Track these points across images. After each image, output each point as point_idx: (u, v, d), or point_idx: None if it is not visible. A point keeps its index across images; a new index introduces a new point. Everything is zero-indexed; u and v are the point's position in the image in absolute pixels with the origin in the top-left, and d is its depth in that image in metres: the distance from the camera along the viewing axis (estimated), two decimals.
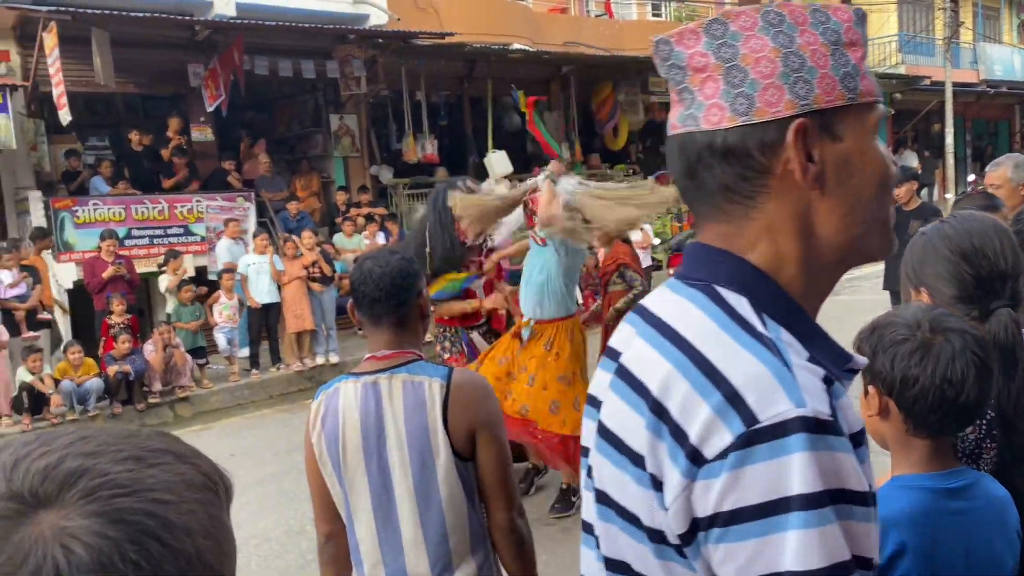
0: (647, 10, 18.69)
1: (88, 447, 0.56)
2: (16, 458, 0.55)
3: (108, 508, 0.52)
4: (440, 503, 1.73)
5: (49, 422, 7.66)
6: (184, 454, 0.61)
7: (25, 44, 10.08)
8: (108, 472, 0.54)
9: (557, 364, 4.56)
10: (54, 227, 9.79)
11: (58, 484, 0.53)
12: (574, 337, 4.67)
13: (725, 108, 0.87)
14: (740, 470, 0.75)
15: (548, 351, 4.58)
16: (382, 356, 1.80)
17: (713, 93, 0.89)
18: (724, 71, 0.88)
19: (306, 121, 13.64)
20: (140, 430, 0.62)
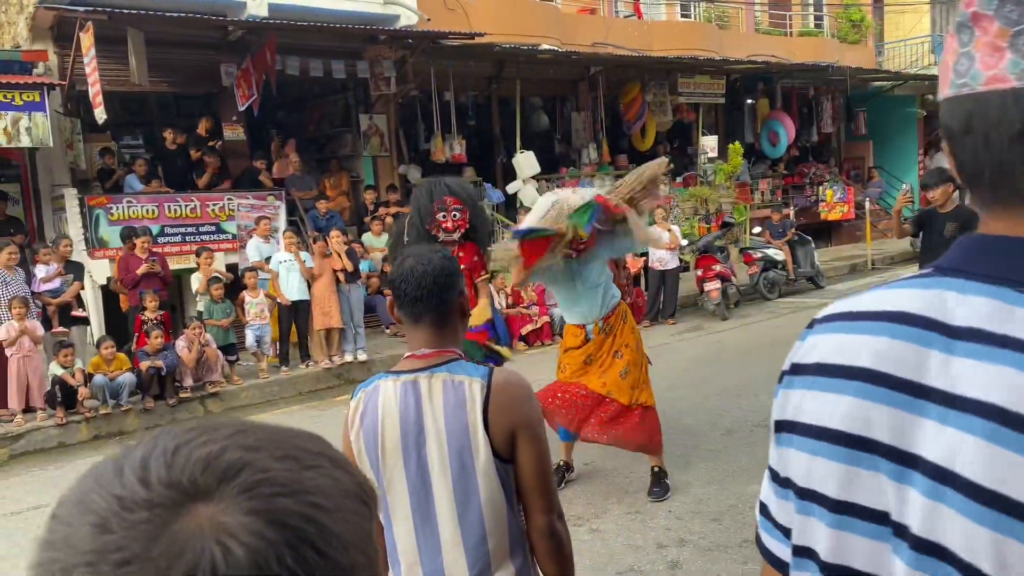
0: (676, 11, 18.59)
1: (248, 440, 0.53)
2: (177, 443, 0.53)
3: (268, 507, 0.50)
4: (479, 504, 1.73)
5: (83, 416, 7.79)
6: (338, 460, 0.58)
7: (62, 44, 10.25)
8: (269, 468, 0.52)
9: (621, 338, 5.07)
10: (89, 224, 9.96)
11: (218, 476, 0.50)
12: (627, 318, 5.21)
13: None
14: None
15: (610, 335, 5.08)
16: (422, 355, 1.81)
17: None
18: None
19: (336, 121, 13.75)
20: (295, 429, 0.59)
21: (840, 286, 14.07)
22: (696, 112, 17.13)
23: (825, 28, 21.79)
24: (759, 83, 18.50)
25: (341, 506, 0.54)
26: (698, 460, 5.65)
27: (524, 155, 13.70)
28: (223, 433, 0.54)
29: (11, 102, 9.05)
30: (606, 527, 4.65)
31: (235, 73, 11.21)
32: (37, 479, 6.65)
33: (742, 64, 16.58)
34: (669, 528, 4.54)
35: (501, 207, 14.07)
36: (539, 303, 10.96)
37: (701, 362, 8.87)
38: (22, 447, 7.46)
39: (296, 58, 11.27)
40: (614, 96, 16.17)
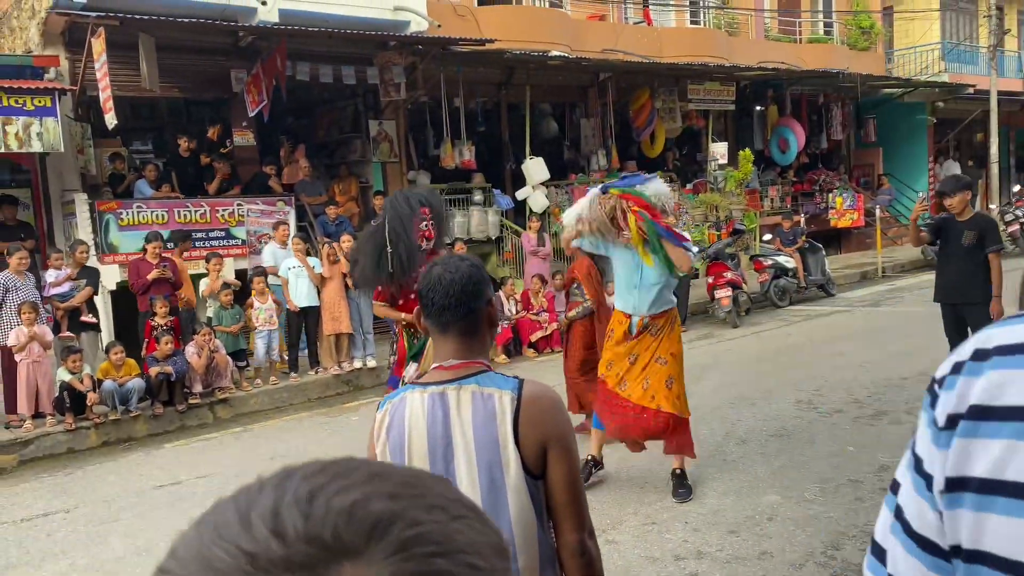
0: (685, 17, 18.55)
1: (387, 487, 0.47)
2: (311, 489, 0.46)
3: (426, 570, 0.43)
4: (509, 521, 1.68)
5: (92, 422, 7.76)
6: (477, 509, 0.51)
7: (73, 49, 10.26)
8: (420, 522, 0.45)
9: (667, 344, 5.20)
10: (99, 229, 9.95)
11: (366, 530, 0.44)
12: (675, 325, 5.31)
13: None
14: None
15: (656, 337, 5.20)
16: (450, 366, 1.76)
17: None
18: None
19: (345, 126, 13.74)
20: (422, 471, 0.52)
21: (851, 294, 13.99)
22: (706, 119, 17.08)
23: (835, 35, 21.72)
24: (768, 90, 18.44)
25: (495, 567, 0.47)
26: (714, 470, 5.58)
27: (534, 161, 13.67)
28: (359, 477, 0.47)
29: (23, 107, 9.06)
30: (622, 538, 4.59)
31: (245, 79, 11.21)
32: (47, 485, 6.62)
33: (752, 71, 16.53)
34: (686, 540, 4.48)
35: (510, 213, 14.04)
36: (549, 310, 10.90)
37: (713, 370, 8.80)
38: (31, 453, 7.43)
39: (306, 64, 11.27)
40: (623, 102, 16.12)
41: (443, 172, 13.71)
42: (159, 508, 5.77)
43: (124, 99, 10.25)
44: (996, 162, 20.76)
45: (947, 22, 23.42)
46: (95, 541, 5.22)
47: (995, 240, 6.34)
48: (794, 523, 4.62)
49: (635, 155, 16.70)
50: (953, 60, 22.50)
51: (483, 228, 13.24)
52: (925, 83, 20.23)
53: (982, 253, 6.31)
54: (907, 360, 8.44)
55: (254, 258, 10.70)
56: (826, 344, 9.71)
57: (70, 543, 5.22)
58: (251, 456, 7.00)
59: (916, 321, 10.77)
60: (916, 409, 6.64)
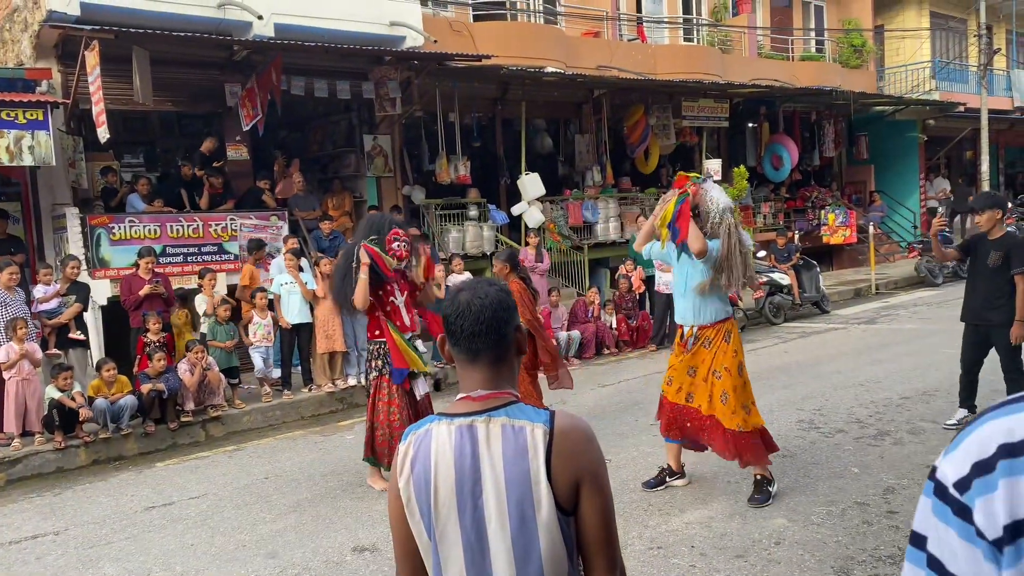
0: (679, 35, 18.62)
1: None
2: None
3: None
4: (540, 560, 1.60)
5: (82, 440, 7.61)
6: None
7: (66, 62, 10.16)
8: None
9: (721, 357, 5.19)
10: (90, 244, 9.82)
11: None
12: (731, 337, 5.26)
13: None
14: None
15: (709, 349, 5.22)
16: (478, 396, 1.67)
17: None
18: None
19: (339, 141, 13.67)
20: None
21: (845, 311, 13.98)
22: (699, 135, 17.12)
23: (827, 53, 21.86)
24: (761, 107, 18.51)
25: None
26: (718, 492, 5.50)
27: (529, 177, 13.64)
28: None
29: (14, 120, 8.94)
30: (627, 563, 4.49)
31: (239, 93, 11.14)
32: (36, 506, 6.47)
33: (745, 88, 16.59)
34: (694, 565, 4.39)
35: (505, 228, 13.98)
36: (546, 325, 10.81)
37: None
38: (19, 472, 7.27)
39: (301, 78, 11.21)
40: (618, 119, 16.14)
41: (438, 187, 13.65)
42: (151, 531, 5.64)
43: (116, 112, 10.14)
44: (987, 180, 20.88)
45: (938, 41, 23.62)
46: (87, 565, 5.09)
47: (1022, 261, 6.15)
48: (802, 547, 4.54)
49: (629, 171, 16.71)
50: (944, 78, 22.68)
51: (478, 243, 13.18)
52: (916, 101, 20.37)
53: (1009, 273, 6.22)
54: (906, 379, 8.40)
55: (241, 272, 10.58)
56: (823, 362, 9.66)
57: (60, 567, 5.08)
58: (244, 476, 6.87)
59: (912, 339, 10.75)
60: (918, 429, 6.63)
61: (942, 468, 0.79)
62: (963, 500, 0.75)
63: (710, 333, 5.23)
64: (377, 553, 4.89)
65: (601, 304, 11.69)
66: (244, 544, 5.25)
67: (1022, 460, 0.73)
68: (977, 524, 0.74)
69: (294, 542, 5.21)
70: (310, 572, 4.72)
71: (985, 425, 0.77)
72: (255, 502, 6.10)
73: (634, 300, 12.00)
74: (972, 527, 0.74)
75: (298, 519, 5.65)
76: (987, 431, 0.76)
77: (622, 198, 15.57)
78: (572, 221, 14.52)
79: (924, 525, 0.80)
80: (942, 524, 0.77)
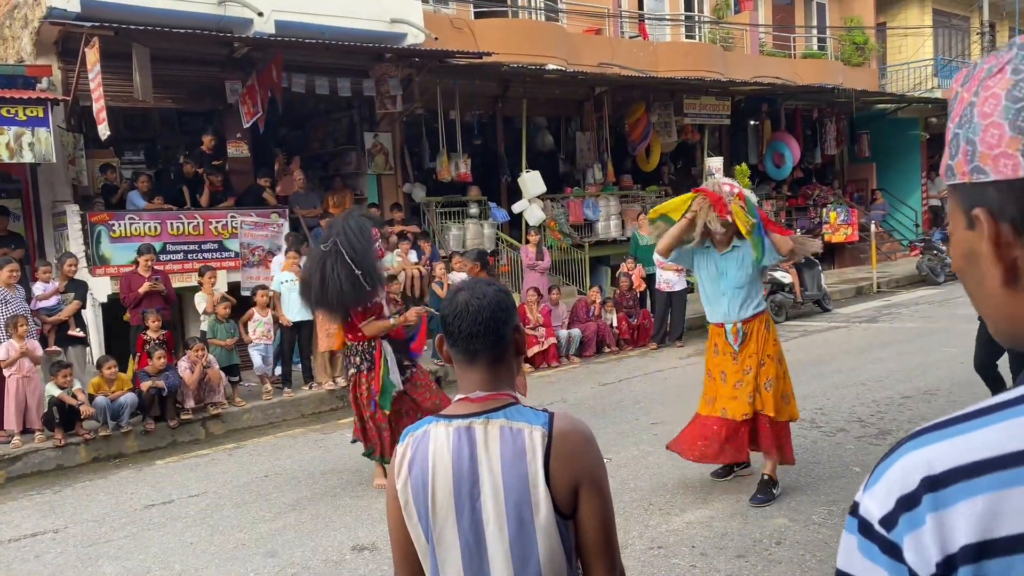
0: (681, 32, 18.59)
1: None
2: None
3: None
4: (538, 564, 1.58)
5: (82, 438, 7.61)
6: None
7: (67, 59, 10.14)
8: None
9: (765, 347, 5.25)
10: (90, 241, 9.81)
11: None
12: (770, 327, 5.35)
13: None
14: None
15: (756, 342, 5.24)
16: (476, 398, 1.66)
17: None
18: None
19: (340, 138, 13.65)
20: None
21: (847, 309, 13.95)
22: (701, 133, 17.08)
23: (829, 50, 21.82)
24: (763, 104, 18.47)
25: None
26: (718, 492, 5.48)
27: (530, 175, 13.60)
28: None
29: (14, 117, 8.93)
30: (627, 563, 4.45)
31: (240, 90, 11.11)
32: (35, 503, 6.46)
33: (747, 85, 16.55)
34: (694, 565, 4.38)
35: (505, 226, 13.96)
36: (546, 324, 10.81)
37: None
38: (19, 470, 7.27)
39: (302, 76, 11.18)
40: (619, 116, 16.11)
41: (439, 185, 13.63)
42: (151, 529, 5.63)
43: (116, 109, 10.12)
44: None
45: (940, 38, 23.58)
46: (86, 564, 5.08)
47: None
48: (803, 548, 4.52)
49: (630, 169, 16.67)
50: (946, 76, 22.63)
51: (479, 241, 13.15)
52: (918, 99, 20.32)
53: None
54: (908, 378, 8.38)
55: (247, 270, 10.58)
56: (825, 361, 9.64)
57: (59, 566, 5.08)
58: (244, 473, 6.86)
59: (914, 337, 10.73)
60: None
61: (865, 504, 0.76)
62: (891, 537, 0.73)
63: (754, 324, 5.30)
64: (376, 552, 4.88)
65: (602, 302, 11.68)
66: (243, 543, 5.24)
67: (946, 492, 0.71)
68: (908, 562, 0.72)
69: (294, 540, 5.20)
70: (309, 571, 4.71)
71: (904, 458, 0.75)
72: (255, 500, 6.09)
73: (635, 298, 11.98)
74: (903, 566, 0.72)
75: (298, 517, 5.64)
76: (907, 463, 0.74)
77: (623, 196, 15.54)
78: (573, 219, 14.50)
79: (850, 563, 0.77)
80: (869, 562, 0.75)
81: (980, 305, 0.82)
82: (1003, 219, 0.74)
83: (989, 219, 0.75)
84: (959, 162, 0.77)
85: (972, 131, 0.75)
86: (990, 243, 0.75)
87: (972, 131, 0.75)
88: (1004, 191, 0.73)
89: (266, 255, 10.27)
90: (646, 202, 15.45)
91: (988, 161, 0.74)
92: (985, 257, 0.76)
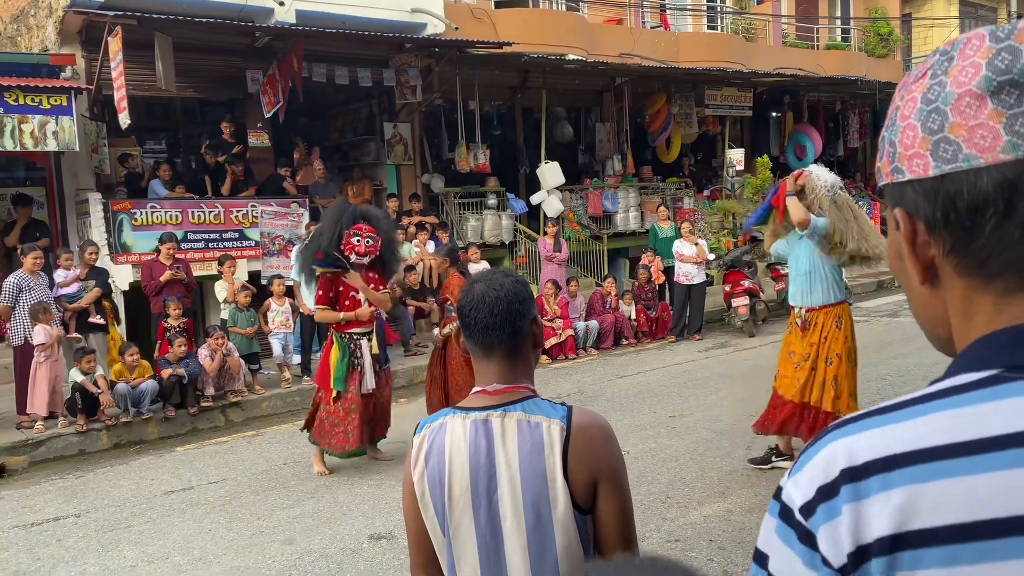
0: (703, 22, 18.44)
1: None
2: None
3: None
4: (555, 558, 1.58)
5: (103, 424, 7.69)
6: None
7: (90, 48, 10.22)
8: None
9: (832, 344, 5.28)
10: (112, 229, 9.90)
11: None
12: (842, 323, 5.33)
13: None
14: None
15: (820, 334, 5.28)
16: (494, 391, 1.65)
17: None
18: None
19: (360, 128, 13.68)
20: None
21: (868, 304, 13.82)
22: (722, 124, 16.96)
23: (852, 41, 21.56)
24: (785, 96, 18.30)
25: None
26: (737, 486, 5.46)
27: (549, 165, 13.56)
28: None
29: (39, 106, 9.01)
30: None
31: (261, 79, 11.15)
32: (58, 488, 6.55)
33: (769, 77, 16.39)
34: (712, 559, 4.36)
35: (523, 217, 13.94)
36: (563, 316, 10.79)
37: (732, 381, 8.68)
38: (42, 454, 7.36)
39: (323, 65, 11.20)
40: (639, 107, 16.02)
41: (457, 175, 13.63)
42: (170, 515, 5.69)
43: (138, 98, 10.19)
44: None
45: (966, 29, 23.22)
46: (107, 548, 5.14)
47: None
48: None
49: (650, 160, 16.59)
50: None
51: (497, 232, 13.15)
52: None
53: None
54: (929, 373, 8.28)
55: (267, 259, 10.63)
56: None
57: (81, 550, 5.14)
58: (263, 461, 6.91)
59: None
60: None
61: (787, 490, 0.76)
62: (807, 526, 0.73)
63: (820, 317, 5.34)
64: (393, 541, 4.90)
65: (619, 295, 11.64)
66: (262, 530, 5.28)
67: (865, 483, 0.71)
68: (822, 551, 0.72)
69: (311, 528, 5.24)
70: (327, 559, 4.74)
71: (828, 446, 0.75)
72: (273, 488, 6.14)
73: (653, 291, 11.93)
74: (817, 554, 0.72)
75: (315, 505, 5.68)
76: (830, 452, 0.74)
77: (642, 187, 15.47)
78: (591, 210, 14.45)
79: (767, 545, 0.77)
80: (786, 547, 0.75)
81: (912, 307, 0.84)
82: (919, 218, 0.76)
83: (905, 218, 0.77)
84: (884, 163, 0.80)
85: (894, 133, 0.78)
86: (906, 242, 0.78)
87: (894, 133, 0.78)
88: (918, 190, 0.76)
89: (286, 244, 10.31)
90: (665, 194, 15.37)
91: (904, 161, 0.76)
92: (906, 257, 0.79)
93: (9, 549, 5.22)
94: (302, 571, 4.61)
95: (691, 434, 6.72)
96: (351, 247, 6.02)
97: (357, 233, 6.03)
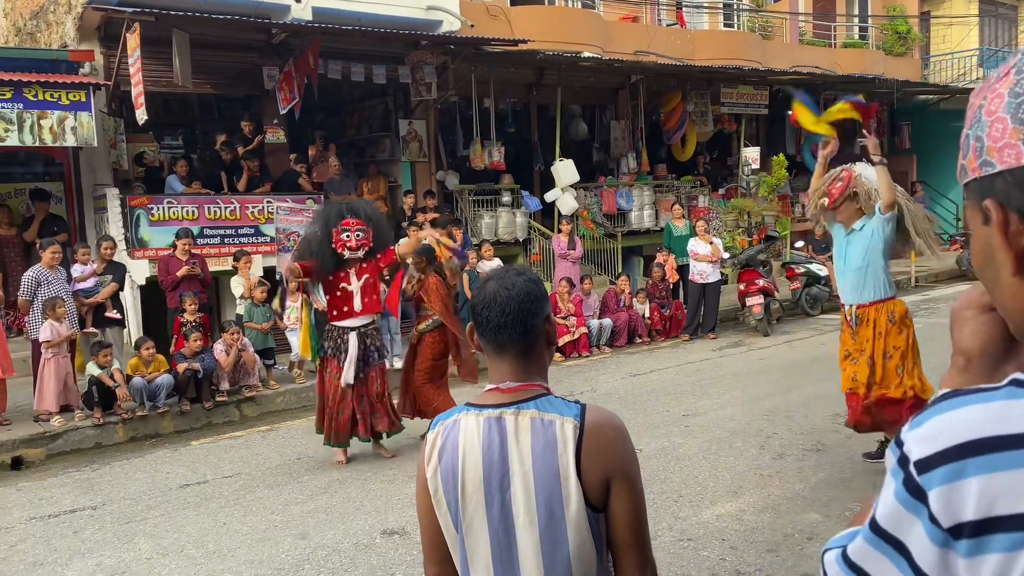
0: (719, 20, 18.35)
1: None
2: None
3: None
4: (568, 557, 1.58)
5: (120, 417, 7.76)
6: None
7: (108, 44, 10.30)
8: None
9: (890, 339, 5.23)
10: (129, 224, 9.97)
11: None
12: (895, 316, 5.27)
13: None
14: None
15: (873, 330, 5.23)
16: (507, 388, 1.65)
17: None
18: None
19: (375, 125, 13.72)
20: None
21: None
22: (738, 123, 16.88)
23: (870, 39, 21.40)
24: None
25: None
26: (749, 486, 5.44)
27: (564, 163, 13.55)
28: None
29: (57, 101, 9.09)
30: (656, 555, 4.42)
31: (277, 76, 11.20)
32: (74, 480, 6.61)
33: (786, 75, 16.31)
34: (724, 558, 4.36)
35: (538, 215, 13.94)
36: (577, 314, 10.79)
37: (746, 380, 8.65)
38: (59, 447, 7.44)
39: (339, 62, 11.25)
40: (655, 105, 15.97)
41: (472, 172, 13.64)
42: (185, 508, 5.73)
43: (156, 94, 10.26)
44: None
45: (986, 28, 23.01)
46: (122, 540, 5.19)
47: None
48: None
49: (665, 158, 16.54)
50: (992, 66, 22.07)
51: (511, 230, 13.16)
52: (962, 90, 19.86)
53: None
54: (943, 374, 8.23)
55: (282, 255, 10.67)
56: None
57: (97, 542, 5.19)
58: (277, 456, 6.95)
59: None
60: None
61: (908, 444, 0.80)
62: (919, 480, 0.77)
63: (871, 313, 5.27)
64: (406, 536, 4.92)
65: (632, 293, 11.62)
66: (275, 524, 5.31)
67: (961, 465, 0.74)
68: (932, 509, 0.76)
69: (325, 523, 5.27)
70: (340, 554, 4.77)
71: (958, 411, 0.77)
72: (287, 482, 6.18)
73: (667, 289, 11.90)
74: (924, 507, 0.76)
75: (329, 500, 5.71)
76: (958, 418, 0.77)
77: (657, 186, 15.43)
78: (606, 208, 14.43)
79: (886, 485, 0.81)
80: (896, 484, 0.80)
81: (998, 300, 0.84)
82: (1011, 208, 0.77)
83: (998, 209, 0.78)
84: (970, 159, 0.80)
85: (980, 129, 0.79)
86: (999, 232, 0.78)
87: (980, 129, 0.79)
88: (1010, 181, 0.76)
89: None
90: (680, 192, 15.33)
91: (994, 153, 0.77)
92: (997, 248, 0.79)
93: (27, 540, 5.28)
94: (315, 565, 4.64)
95: (704, 433, 6.71)
96: (342, 243, 6.17)
97: (346, 229, 6.18)
